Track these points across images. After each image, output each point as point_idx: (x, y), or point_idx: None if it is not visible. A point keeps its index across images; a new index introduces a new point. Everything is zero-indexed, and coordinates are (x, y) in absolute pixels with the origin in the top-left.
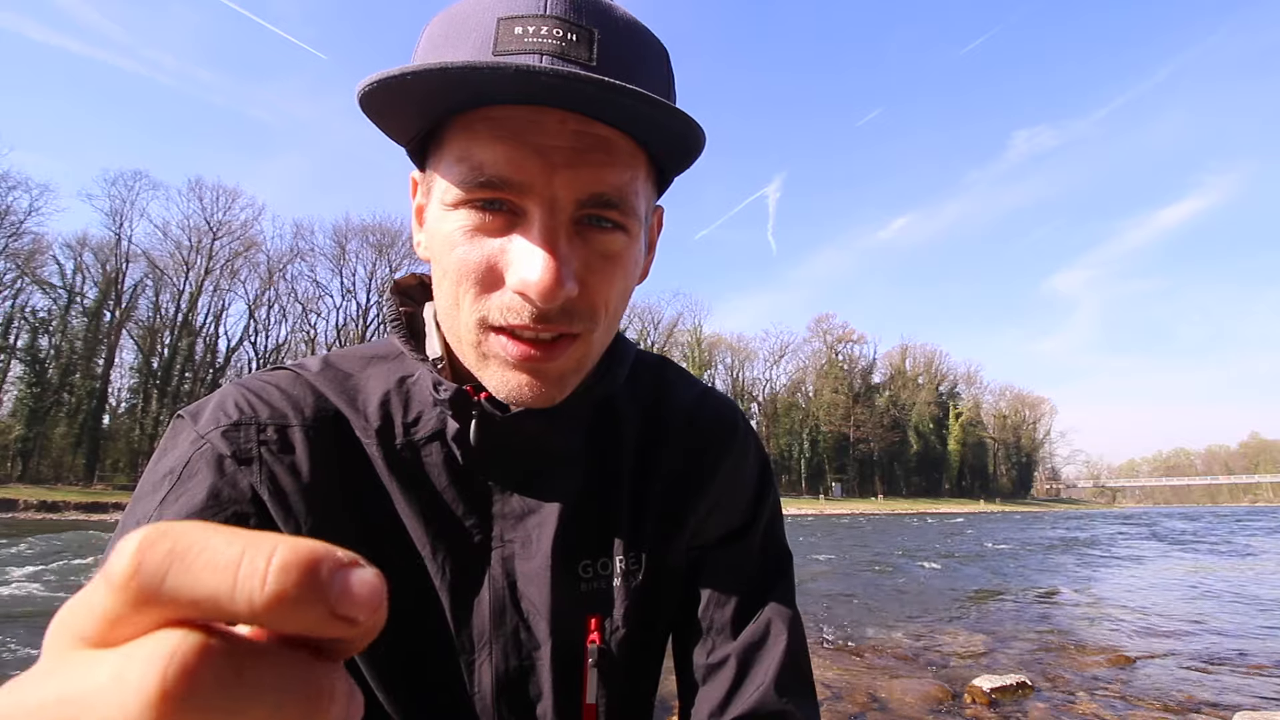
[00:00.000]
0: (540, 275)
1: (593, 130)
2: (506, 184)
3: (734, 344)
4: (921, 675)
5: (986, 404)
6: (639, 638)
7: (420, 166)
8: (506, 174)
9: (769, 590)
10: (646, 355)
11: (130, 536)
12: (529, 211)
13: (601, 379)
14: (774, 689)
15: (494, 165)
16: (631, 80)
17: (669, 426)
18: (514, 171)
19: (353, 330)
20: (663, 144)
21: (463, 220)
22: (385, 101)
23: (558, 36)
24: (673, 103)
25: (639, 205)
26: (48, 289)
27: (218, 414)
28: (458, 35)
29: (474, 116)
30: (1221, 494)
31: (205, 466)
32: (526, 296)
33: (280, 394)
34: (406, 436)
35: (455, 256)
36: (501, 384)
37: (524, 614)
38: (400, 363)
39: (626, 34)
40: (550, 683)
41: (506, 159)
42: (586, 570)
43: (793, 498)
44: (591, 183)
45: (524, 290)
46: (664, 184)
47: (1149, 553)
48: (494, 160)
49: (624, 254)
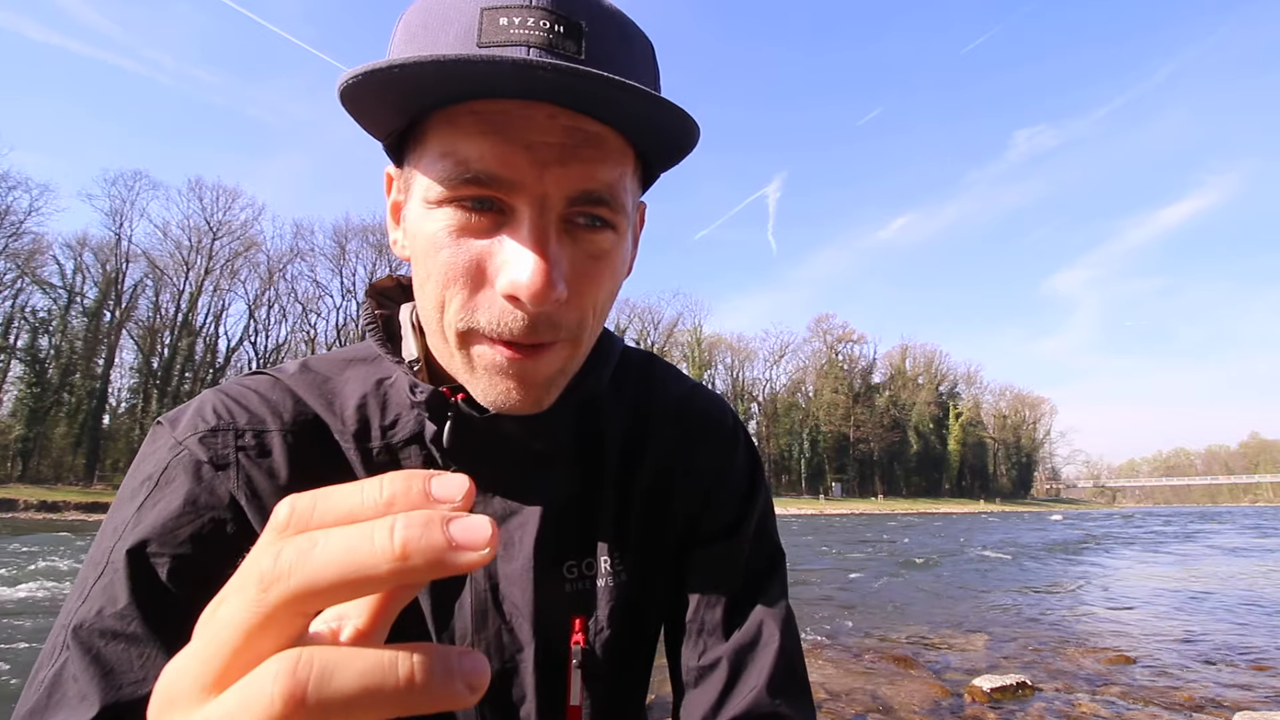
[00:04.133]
0: (531, 277)
1: (583, 126)
2: (494, 181)
3: (734, 344)
4: (921, 675)
5: (986, 404)
6: (624, 639)
7: (397, 162)
8: (495, 170)
9: (761, 589)
10: (633, 352)
11: (260, 546)
12: (517, 210)
13: (585, 379)
14: (768, 691)
15: (481, 161)
16: (620, 74)
17: (656, 423)
18: (503, 168)
19: (352, 330)
20: (654, 141)
21: (447, 220)
22: (368, 95)
23: (545, 28)
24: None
25: (627, 202)
26: (48, 289)
27: (195, 420)
28: (438, 26)
29: (458, 110)
30: (1221, 494)
31: (182, 473)
32: (516, 300)
33: (259, 399)
34: (384, 439)
35: (440, 259)
36: (488, 389)
37: (506, 616)
38: (378, 365)
39: (614, 26)
40: (533, 685)
41: (495, 155)
42: (571, 571)
43: (792, 498)
44: (582, 180)
45: (514, 293)
46: (650, 180)
47: (1149, 553)
48: (481, 156)
49: (613, 252)
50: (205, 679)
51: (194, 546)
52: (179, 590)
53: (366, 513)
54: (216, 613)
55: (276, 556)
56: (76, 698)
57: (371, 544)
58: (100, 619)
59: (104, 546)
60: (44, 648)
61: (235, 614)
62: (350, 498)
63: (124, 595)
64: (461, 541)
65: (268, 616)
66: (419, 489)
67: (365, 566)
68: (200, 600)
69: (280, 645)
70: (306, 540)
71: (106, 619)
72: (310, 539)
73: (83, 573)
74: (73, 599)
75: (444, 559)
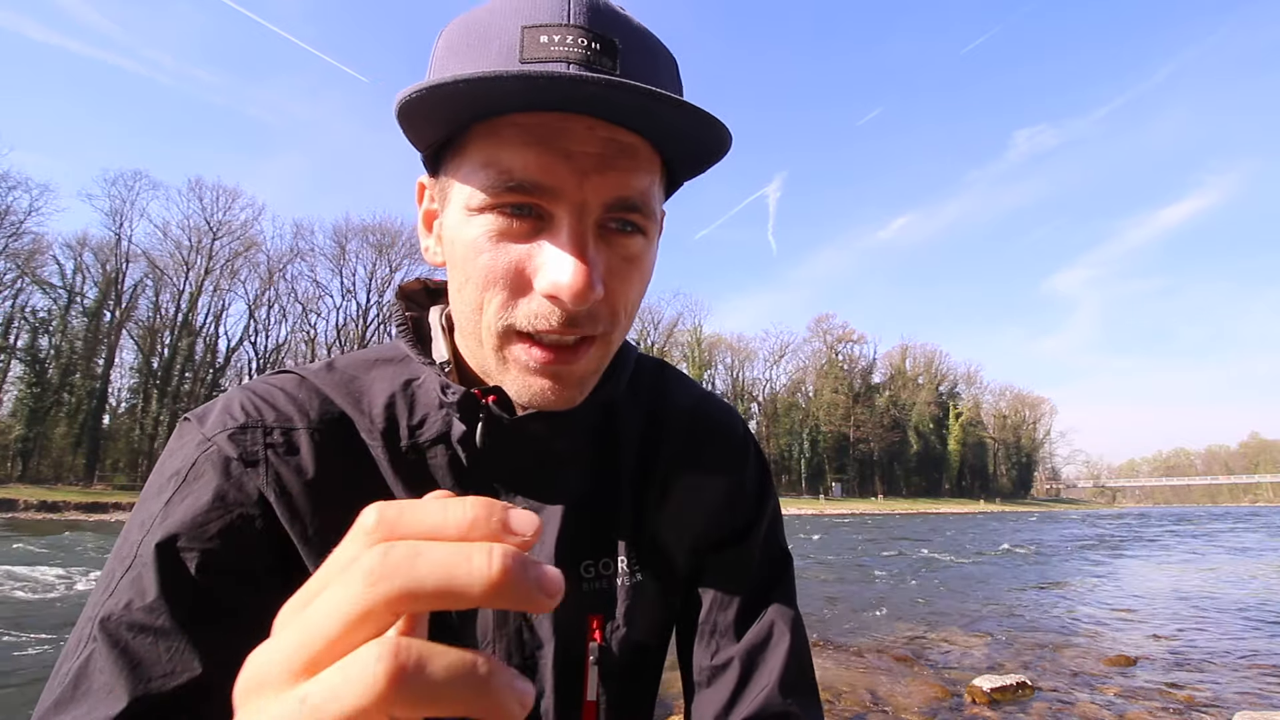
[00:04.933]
0: (572, 279)
1: (619, 137)
2: (537, 189)
3: (734, 344)
4: (922, 675)
5: (986, 404)
6: (639, 637)
7: (433, 172)
8: (537, 179)
9: (771, 591)
10: (645, 358)
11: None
12: (557, 216)
13: (607, 382)
14: (778, 690)
15: (524, 170)
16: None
17: (670, 428)
18: (545, 176)
19: (353, 330)
20: (683, 150)
21: (488, 225)
22: (424, 109)
23: (583, 45)
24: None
25: (656, 209)
26: (48, 289)
27: (224, 417)
28: (480, 42)
29: (499, 123)
30: (1221, 494)
31: (211, 469)
32: (558, 300)
33: (286, 397)
34: (411, 439)
35: (481, 262)
36: (524, 388)
37: (526, 614)
38: (405, 366)
39: (644, 44)
40: (552, 681)
41: (538, 164)
42: (589, 570)
43: (792, 498)
44: (618, 187)
45: (555, 293)
46: (674, 187)
47: (1149, 553)
48: (524, 165)
49: (643, 256)
50: (298, 663)
51: (222, 542)
52: (207, 585)
53: (449, 530)
54: (313, 603)
55: (385, 555)
56: (104, 690)
57: (470, 565)
58: (128, 612)
59: (131, 540)
60: (69, 640)
61: (339, 604)
62: (434, 514)
63: (153, 589)
64: (545, 587)
65: (369, 609)
66: (498, 519)
67: (462, 584)
68: (227, 595)
69: (372, 637)
70: (409, 547)
71: (135, 612)
72: (413, 547)
73: (109, 566)
74: (99, 592)
75: (530, 597)
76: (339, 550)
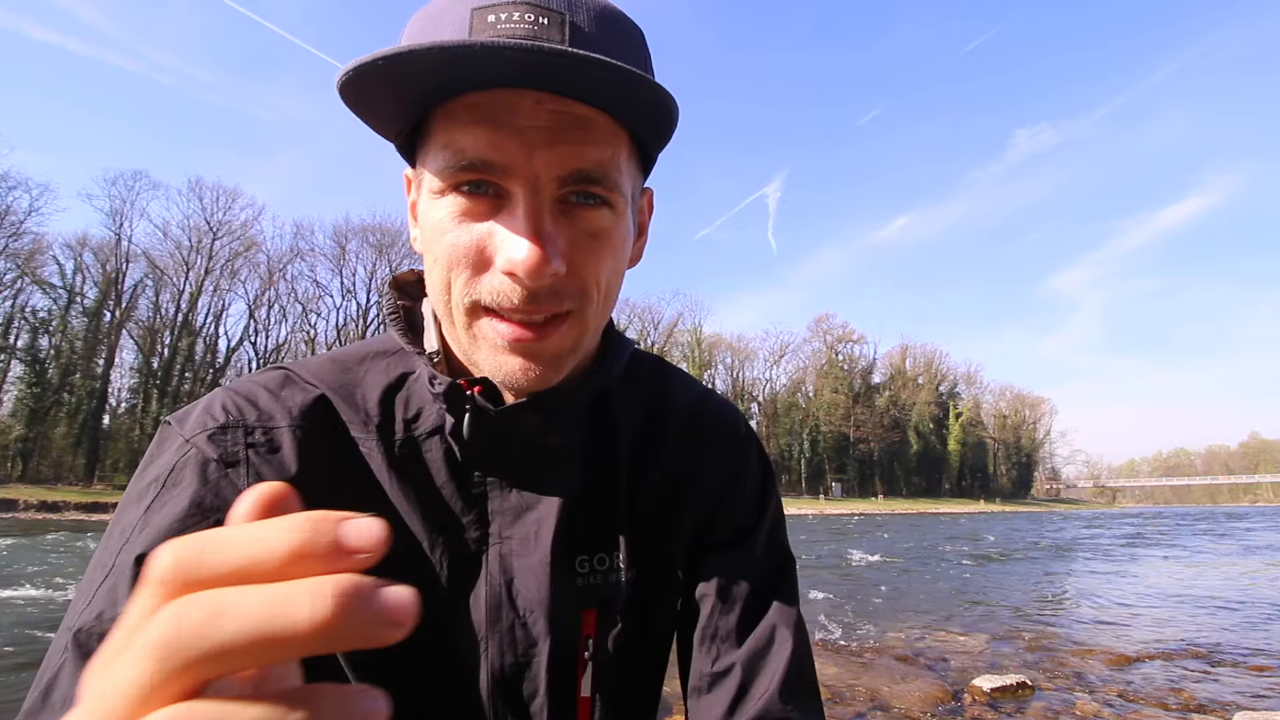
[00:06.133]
0: (526, 254)
1: (570, 109)
2: (488, 166)
3: (734, 344)
4: (922, 675)
5: (986, 404)
6: (635, 634)
7: (411, 163)
8: (487, 156)
9: (773, 595)
10: (644, 354)
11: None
12: (513, 193)
13: (597, 370)
14: (779, 696)
15: (475, 148)
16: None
17: (670, 425)
18: (494, 153)
19: (353, 330)
20: (640, 119)
21: (450, 206)
22: (362, 91)
23: (529, 21)
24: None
25: (623, 182)
26: (48, 289)
27: (204, 418)
28: (434, 29)
29: (455, 105)
30: (1221, 494)
31: (190, 473)
32: (515, 277)
33: (268, 395)
34: (407, 432)
35: (445, 242)
36: (496, 367)
37: (520, 611)
38: (400, 358)
39: (598, 16)
40: (546, 678)
41: (486, 141)
42: (583, 566)
43: (793, 498)
44: (571, 159)
45: (512, 270)
46: (648, 163)
47: (1149, 553)
48: (475, 144)
49: (611, 231)
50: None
51: None
52: None
53: (266, 564)
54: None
55: (176, 623)
56: (71, 703)
57: (289, 612)
58: (100, 623)
59: (111, 549)
60: (49, 650)
61: (126, 682)
62: (245, 545)
63: (126, 601)
64: (392, 616)
65: (162, 685)
66: (329, 537)
67: (285, 635)
68: None
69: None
70: (212, 604)
71: (107, 624)
72: (217, 603)
73: (89, 575)
74: (78, 602)
75: (373, 634)
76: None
